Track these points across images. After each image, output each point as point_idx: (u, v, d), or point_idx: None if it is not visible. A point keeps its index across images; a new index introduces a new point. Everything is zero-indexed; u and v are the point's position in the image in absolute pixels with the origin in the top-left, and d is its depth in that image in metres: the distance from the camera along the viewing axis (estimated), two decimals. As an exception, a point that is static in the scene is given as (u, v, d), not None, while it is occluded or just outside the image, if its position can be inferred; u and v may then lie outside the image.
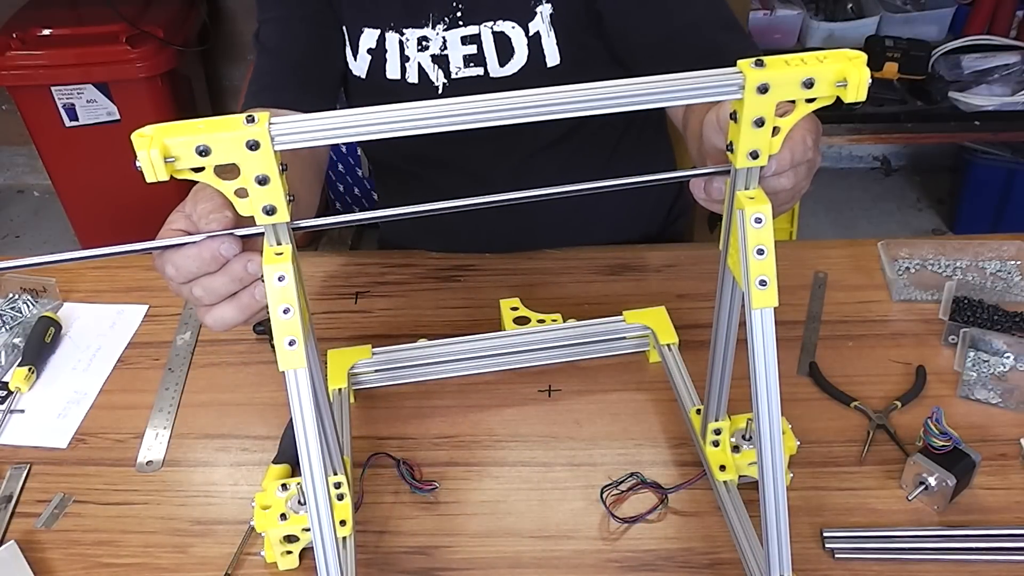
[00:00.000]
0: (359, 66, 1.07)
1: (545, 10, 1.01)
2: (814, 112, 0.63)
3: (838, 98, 0.61)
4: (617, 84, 0.60)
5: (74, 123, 2.27)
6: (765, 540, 0.68)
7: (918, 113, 2.01)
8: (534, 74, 1.03)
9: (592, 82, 0.59)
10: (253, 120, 0.57)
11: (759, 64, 0.59)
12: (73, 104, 2.24)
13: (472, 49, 1.03)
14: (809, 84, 0.60)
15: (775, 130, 0.62)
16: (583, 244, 1.17)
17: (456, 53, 1.03)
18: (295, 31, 1.06)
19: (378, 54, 1.05)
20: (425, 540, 0.82)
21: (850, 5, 2.31)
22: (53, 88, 2.20)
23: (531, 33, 1.01)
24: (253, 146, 0.57)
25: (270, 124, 0.57)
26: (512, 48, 1.02)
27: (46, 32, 2.19)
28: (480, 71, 1.04)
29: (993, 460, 0.86)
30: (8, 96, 2.29)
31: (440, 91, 1.06)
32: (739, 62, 0.60)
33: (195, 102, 2.49)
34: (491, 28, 1.01)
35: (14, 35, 2.16)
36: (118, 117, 2.26)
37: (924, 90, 2.03)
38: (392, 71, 1.06)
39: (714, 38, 0.96)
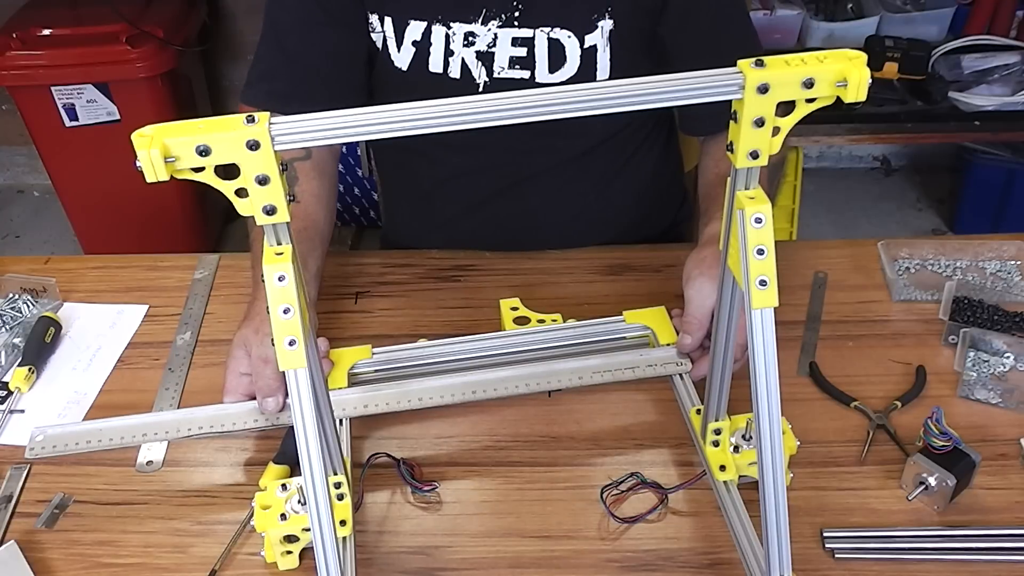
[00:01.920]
0: (402, 58, 1.06)
1: (606, 25, 1.01)
2: (815, 112, 0.63)
3: (838, 98, 0.61)
4: (617, 84, 0.60)
5: (74, 123, 2.27)
6: (765, 540, 0.68)
7: (918, 113, 2.01)
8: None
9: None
10: (253, 120, 0.57)
11: (759, 64, 0.59)
12: (73, 104, 2.24)
13: (521, 51, 1.03)
14: (809, 84, 0.60)
15: (775, 130, 0.62)
16: (585, 246, 1.17)
17: (503, 52, 1.03)
18: (318, 38, 1.05)
19: (422, 47, 1.04)
20: (425, 540, 0.82)
21: (850, 5, 2.30)
22: (53, 88, 2.20)
23: (586, 45, 1.02)
24: (253, 146, 0.57)
25: (270, 124, 0.57)
26: (565, 57, 1.02)
27: (46, 32, 2.19)
28: (526, 74, 1.04)
29: (993, 460, 0.86)
30: (8, 96, 2.29)
31: (481, 88, 1.05)
32: (739, 62, 0.60)
33: (195, 102, 2.49)
34: (547, 34, 1.01)
35: (14, 35, 2.16)
36: (118, 117, 2.26)
37: (924, 90, 2.03)
38: (435, 65, 1.05)
39: None
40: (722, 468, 0.82)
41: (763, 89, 0.59)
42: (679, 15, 1.02)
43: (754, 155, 0.63)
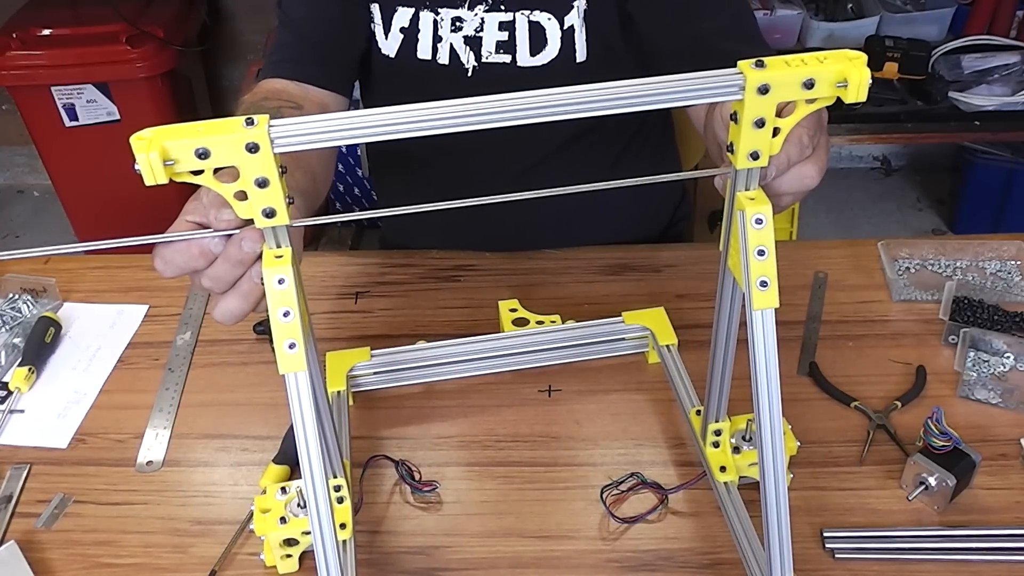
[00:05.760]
0: (390, 45, 1.06)
1: (580, 4, 1.01)
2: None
3: (838, 98, 0.61)
4: (618, 85, 0.60)
5: (74, 123, 2.27)
6: (767, 541, 0.68)
7: (918, 113, 2.01)
8: (563, 67, 1.03)
9: (599, 82, 0.59)
10: (252, 122, 0.56)
11: (759, 65, 0.59)
12: (73, 104, 2.24)
13: (504, 36, 1.03)
14: (809, 85, 0.60)
15: (775, 131, 0.62)
16: (585, 245, 1.16)
17: (490, 37, 1.03)
18: (320, 6, 1.06)
19: (411, 33, 1.05)
20: (425, 540, 0.82)
21: (850, 5, 2.30)
22: (53, 88, 2.20)
23: (566, 26, 1.02)
24: (253, 149, 0.57)
25: (269, 126, 0.57)
26: (545, 39, 1.02)
27: (46, 32, 2.19)
28: (508, 59, 1.04)
29: (993, 460, 0.86)
30: (8, 96, 2.30)
31: (469, 74, 1.06)
32: (740, 63, 0.60)
33: (195, 102, 2.49)
34: (527, 16, 1.01)
35: (14, 35, 2.16)
36: (118, 117, 2.26)
37: (924, 90, 2.03)
38: (423, 51, 1.05)
39: (736, 49, 0.96)
40: (722, 469, 0.82)
41: (763, 90, 0.59)
42: None
43: (754, 156, 0.63)
